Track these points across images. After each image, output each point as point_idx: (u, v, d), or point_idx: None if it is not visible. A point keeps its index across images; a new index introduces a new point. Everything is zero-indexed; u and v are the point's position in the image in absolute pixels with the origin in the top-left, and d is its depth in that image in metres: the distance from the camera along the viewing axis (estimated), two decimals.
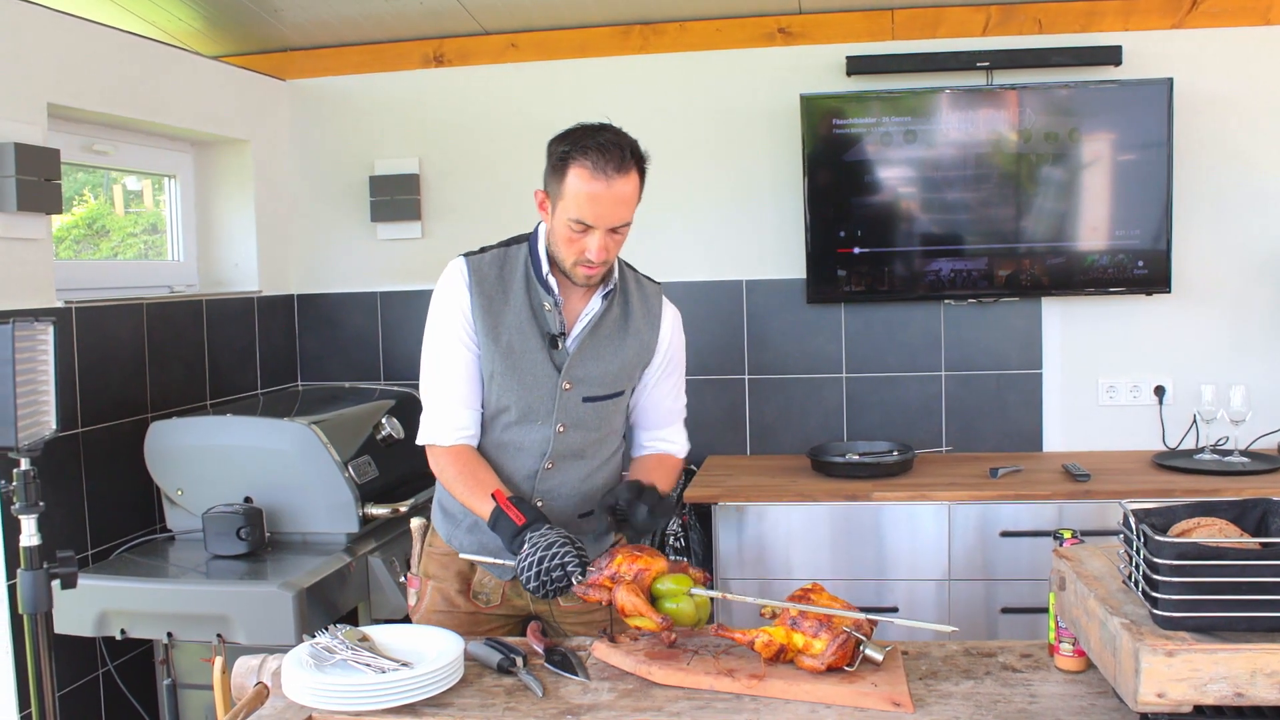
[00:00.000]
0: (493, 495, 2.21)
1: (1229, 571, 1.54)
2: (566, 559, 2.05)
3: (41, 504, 2.35)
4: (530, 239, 2.38)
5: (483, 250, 2.39)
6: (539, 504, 2.35)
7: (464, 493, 2.30)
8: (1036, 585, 3.50)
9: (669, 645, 2.02)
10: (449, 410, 2.35)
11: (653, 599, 2.06)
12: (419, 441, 2.40)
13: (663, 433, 2.55)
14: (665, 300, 2.50)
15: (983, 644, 2.09)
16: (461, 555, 2.38)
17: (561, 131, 2.25)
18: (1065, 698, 1.82)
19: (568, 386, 2.33)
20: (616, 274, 2.38)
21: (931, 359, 4.14)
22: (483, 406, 2.38)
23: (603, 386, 2.38)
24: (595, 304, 2.35)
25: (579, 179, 2.18)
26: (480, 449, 2.39)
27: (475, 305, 2.31)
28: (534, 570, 2.05)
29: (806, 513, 3.61)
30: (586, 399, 2.36)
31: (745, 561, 3.63)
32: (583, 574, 2.06)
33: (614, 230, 2.23)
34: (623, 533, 2.33)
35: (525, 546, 2.09)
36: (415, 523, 2.59)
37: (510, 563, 2.19)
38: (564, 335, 2.33)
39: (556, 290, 2.32)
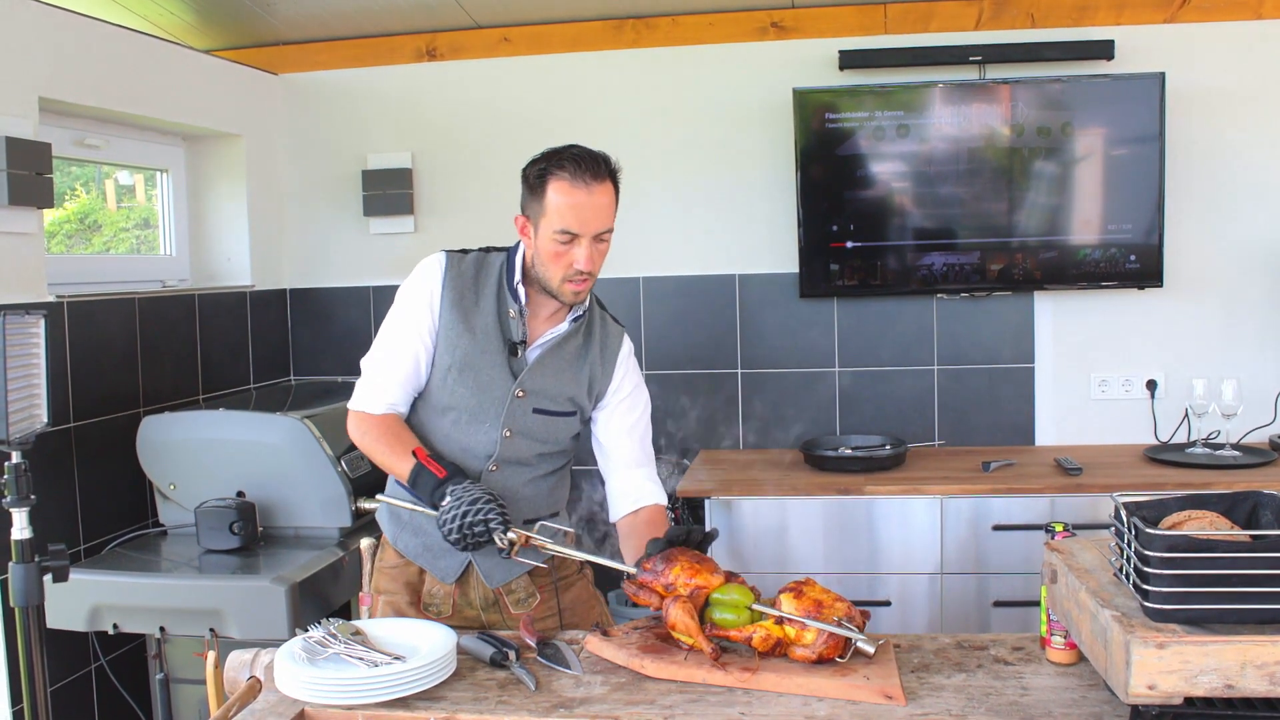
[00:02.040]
0: (413, 452, 2.26)
1: (1220, 564, 1.54)
2: (489, 515, 2.12)
3: (33, 497, 2.34)
4: (510, 250, 2.43)
5: (464, 251, 2.45)
6: None
7: (384, 452, 2.33)
8: (1028, 579, 3.51)
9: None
10: (387, 385, 2.40)
11: (704, 604, 2.04)
12: (349, 406, 2.44)
13: (634, 475, 2.49)
14: (626, 341, 2.54)
15: (975, 637, 2.09)
16: (402, 553, 2.46)
17: (531, 159, 2.33)
18: (1057, 690, 1.83)
19: (520, 395, 2.37)
20: (589, 302, 2.44)
21: (924, 353, 4.15)
22: (426, 402, 2.42)
23: (555, 402, 2.42)
24: (564, 325, 2.41)
25: (559, 191, 2.25)
26: (431, 446, 2.40)
27: (446, 299, 2.36)
28: (456, 523, 2.12)
29: (799, 507, 3.61)
30: (537, 410, 2.40)
31: (738, 556, 3.63)
32: (504, 530, 2.12)
33: (599, 239, 2.29)
34: None
35: (448, 499, 2.16)
36: (365, 543, 2.59)
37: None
38: (524, 345, 2.38)
39: (523, 300, 2.37)
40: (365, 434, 2.39)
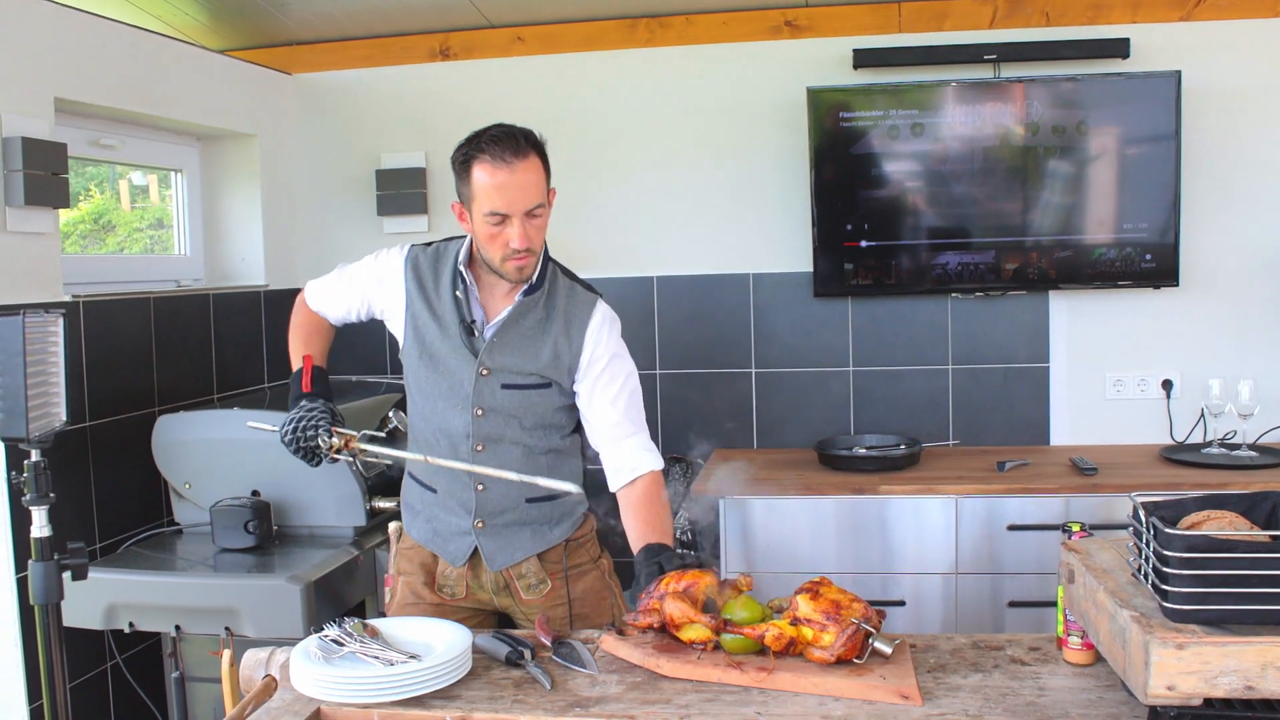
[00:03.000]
0: (304, 358, 2.52)
1: (1239, 564, 1.54)
2: (319, 421, 2.34)
3: (52, 495, 2.35)
4: (469, 238, 2.48)
5: (425, 246, 2.54)
6: (480, 489, 2.46)
7: (294, 341, 2.64)
8: (1043, 579, 3.50)
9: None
10: (331, 296, 2.63)
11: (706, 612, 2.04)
12: (306, 285, 2.70)
13: (626, 445, 2.47)
14: (599, 310, 2.51)
15: (991, 637, 2.08)
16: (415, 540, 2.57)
17: (459, 144, 2.37)
18: (1074, 691, 1.82)
19: (484, 372, 2.42)
20: (538, 273, 2.44)
21: (938, 352, 4.13)
22: (412, 391, 2.54)
23: (522, 376, 2.44)
24: (514, 302, 2.44)
25: (483, 174, 2.29)
26: (416, 438, 2.55)
27: (406, 293, 2.48)
28: (291, 425, 2.35)
29: (813, 506, 3.61)
30: (506, 385, 2.44)
31: (752, 555, 3.63)
32: (329, 437, 2.33)
33: (531, 215, 2.33)
34: None
35: (295, 407, 2.39)
36: (392, 526, 2.67)
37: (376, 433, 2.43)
38: (478, 324, 2.44)
39: (470, 282, 2.45)
40: (298, 314, 2.68)
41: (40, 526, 2.34)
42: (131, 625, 2.94)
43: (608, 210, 4.24)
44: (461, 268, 2.43)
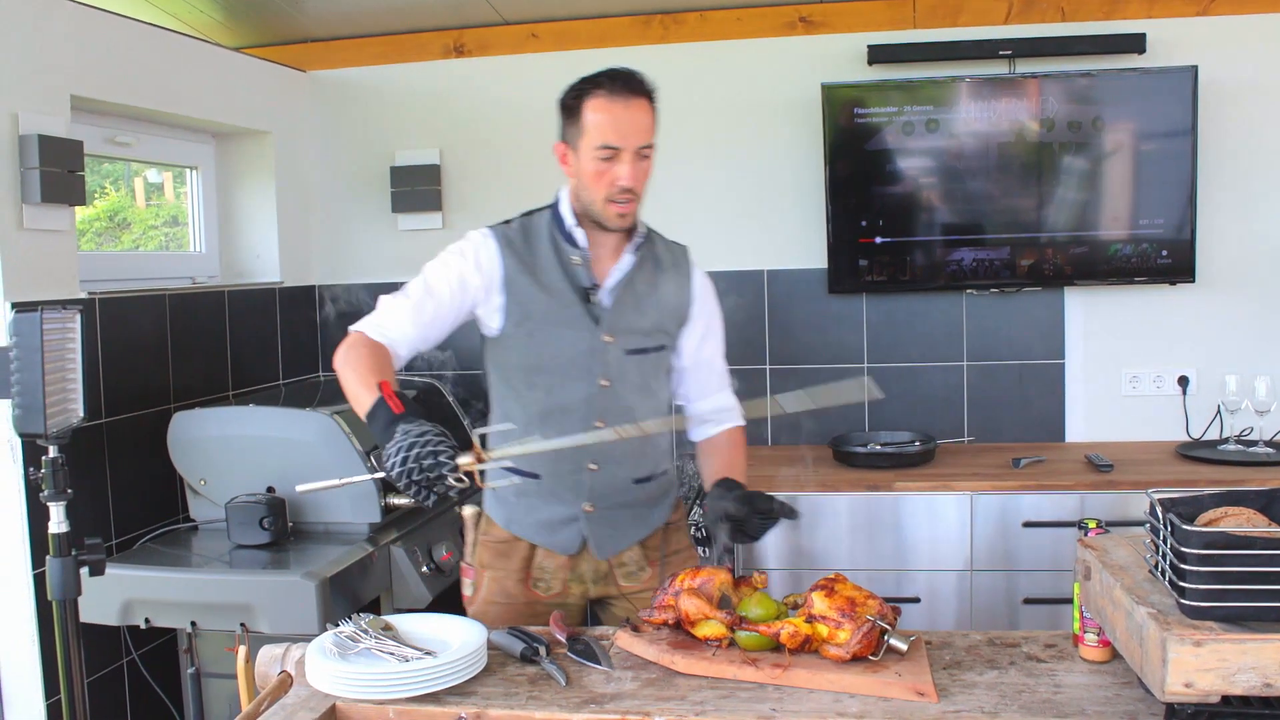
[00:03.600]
0: (379, 384, 2.07)
1: (1258, 561, 1.53)
2: (439, 446, 1.91)
3: (70, 491, 2.36)
4: (552, 205, 2.42)
5: (505, 223, 2.43)
6: (593, 468, 2.38)
7: (353, 377, 2.14)
8: (1058, 576, 3.49)
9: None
10: (399, 318, 2.29)
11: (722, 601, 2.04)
12: (352, 327, 2.29)
13: (718, 399, 2.54)
14: (695, 262, 2.53)
15: (1006, 634, 2.08)
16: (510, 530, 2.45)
17: (567, 86, 2.34)
18: (1090, 688, 1.81)
19: (609, 339, 2.35)
20: (643, 228, 2.41)
21: (953, 349, 4.12)
22: (512, 375, 2.39)
23: (644, 338, 2.39)
24: (627, 259, 2.38)
25: (597, 109, 2.25)
26: (523, 427, 2.32)
27: (508, 267, 2.34)
28: (402, 455, 1.90)
29: (828, 503, 3.60)
30: (630, 351, 2.37)
31: (767, 552, 3.63)
32: (454, 466, 1.90)
33: (641, 155, 2.27)
34: (721, 547, 2.24)
35: (396, 435, 1.95)
36: (467, 511, 2.57)
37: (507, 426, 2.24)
38: (596, 288, 2.35)
39: (584, 243, 2.35)
40: (348, 353, 2.20)
41: (58, 522, 2.35)
42: (147, 621, 2.95)
43: None
44: (574, 230, 2.35)
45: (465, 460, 1.94)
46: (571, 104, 2.30)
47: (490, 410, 2.51)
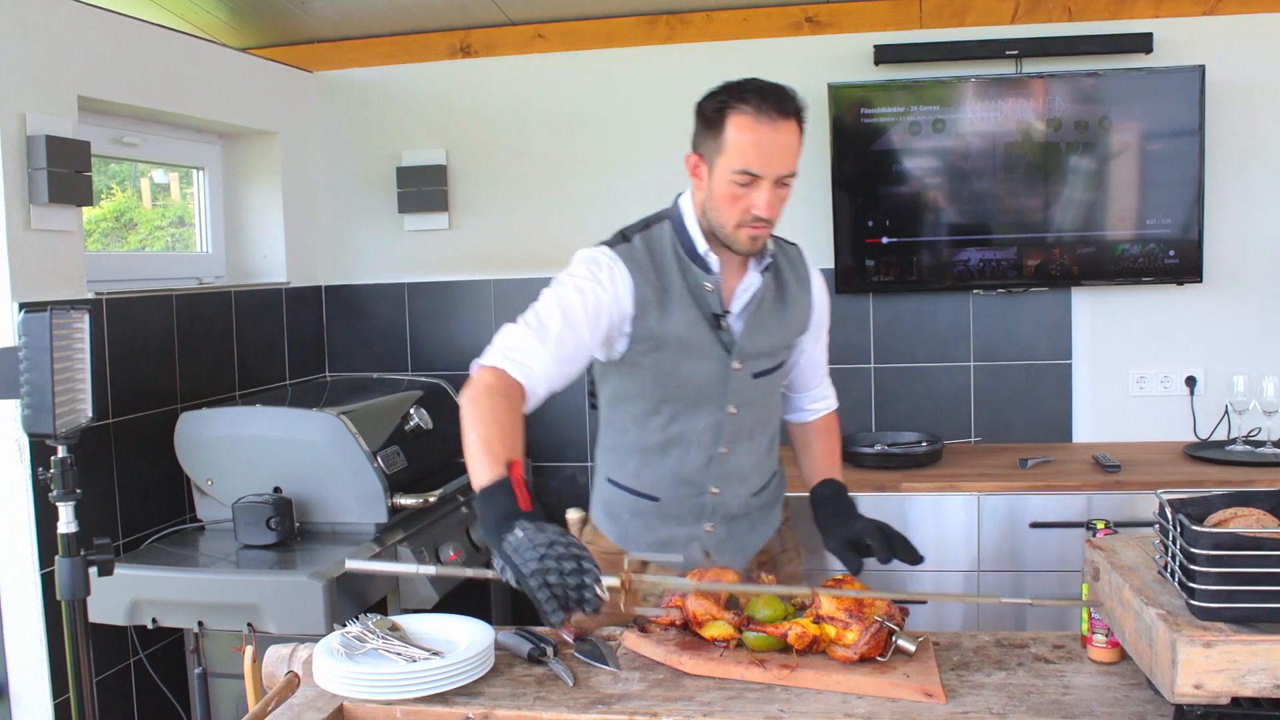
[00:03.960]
0: (508, 464, 1.84)
1: (1268, 562, 1.52)
2: (585, 564, 1.71)
3: (79, 491, 2.37)
4: (673, 216, 2.25)
5: (624, 239, 2.23)
6: (715, 492, 2.30)
7: (478, 439, 1.90)
8: (1066, 576, 3.48)
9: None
10: (538, 351, 2.03)
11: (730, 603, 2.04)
12: (478, 361, 2.05)
13: (819, 390, 2.53)
14: (809, 262, 2.41)
15: (1014, 635, 2.07)
16: (632, 554, 2.00)
17: (708, 92, 2.16)
18: (1099, 689, 1.81)
19: (738, 366, 2.23)
20: (771, 245, 2.26)
21: (960, 349, 4.12)
22: (630, 405, 2.26)
23: (769, 359, 2.30)
24: (754, 279, 2.23)
25: (740, 127, 2.06)
26: (641, 452, 2.27)
27: (636, 297, 2.15)
28: (544, 565, 1.69)
29: None
30: (757, 374, 2.27)
31: None
32: (600, 581, 1.73)
33: (780, 183, 2.10)
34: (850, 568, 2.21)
35: (518, 534, 1.73)
36: (572, 515, 2.56)
37: (673, 558, 2.10)
38: (726, 314, 2.21)
39: (716, 269, 2.18)
40: (482, 400, 1.95)
41: (67, 522, 2.35)
42: (154, 621, 2.95)
43: (629, 206, 4.21)
44: (706, 254, 2.17)
45: (613, 584, 1.78)
46: (712, 116, 2.11)
47: (599, 435, 2.40)
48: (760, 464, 2.39)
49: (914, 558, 2.16)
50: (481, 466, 1.87)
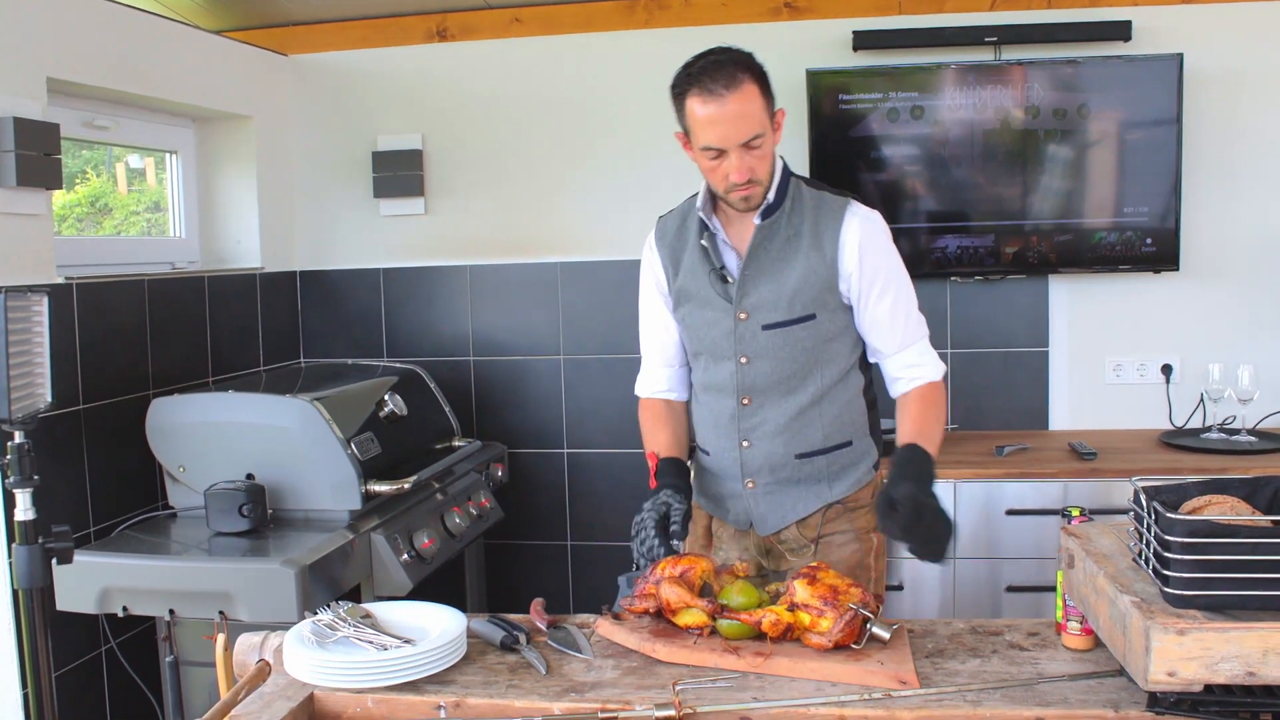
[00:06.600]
0: (648, 456, 2.40)
1: (1241, 549, 1.52)
2: (657, 538, 2.17)
3: (36, 478, 2.33)
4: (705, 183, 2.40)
5: (674, 209, 2.52)
6: (745, 445, 2.40)
7: (645, 441, 2.49)
8: (1042, 564, 3.50)
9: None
10: (648, 368, 2.56)
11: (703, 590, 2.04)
12: (637, 392, 2.60)
13: (904, 357, 2.39)
14: (851, 214, 2.34)
15: (989, 622, 2.07)
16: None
17: (676, 72, 2.27)
18: (1073, 676, 1.80)
19: (743, 316, 2.34)
20: (774, 194, 2.30)
21: (937, 336, 4.08)
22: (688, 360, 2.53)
23: (781, 311, 2.31)
24: (753, 231, 2.33)
25: (695, 108, 2.20)
26: (697, 405, 2.51)
27: (662, 264, 2.47)
28: (639, 528, 2.22)
29: None
30: (766, 326, 2.32)
31: None
32: (656, 556, 2.14)
33: (748, 147, 2.20)
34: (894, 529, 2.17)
35: (645, 506, 2.26)
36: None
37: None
38: (727, 268, 2.37)
39: (716, 225, 2.38)
40: (641, 418, 2.55)
41: (24, 509, 2.32)
42: (125, 609, 2.92)
43: (607, 191, 4.21)
44: (702, 214, 2.36)
45: (637, 591, 2.08)
46: (675, 99, 2.26)
47: None
48: (803, 424, 2.37)
49: (928, 554, 2.11)
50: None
